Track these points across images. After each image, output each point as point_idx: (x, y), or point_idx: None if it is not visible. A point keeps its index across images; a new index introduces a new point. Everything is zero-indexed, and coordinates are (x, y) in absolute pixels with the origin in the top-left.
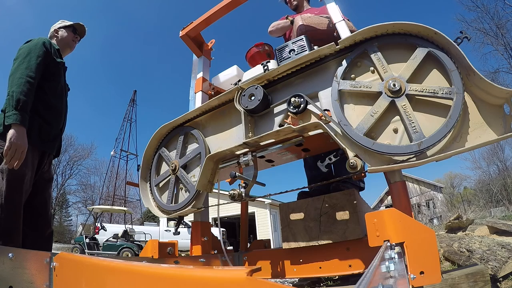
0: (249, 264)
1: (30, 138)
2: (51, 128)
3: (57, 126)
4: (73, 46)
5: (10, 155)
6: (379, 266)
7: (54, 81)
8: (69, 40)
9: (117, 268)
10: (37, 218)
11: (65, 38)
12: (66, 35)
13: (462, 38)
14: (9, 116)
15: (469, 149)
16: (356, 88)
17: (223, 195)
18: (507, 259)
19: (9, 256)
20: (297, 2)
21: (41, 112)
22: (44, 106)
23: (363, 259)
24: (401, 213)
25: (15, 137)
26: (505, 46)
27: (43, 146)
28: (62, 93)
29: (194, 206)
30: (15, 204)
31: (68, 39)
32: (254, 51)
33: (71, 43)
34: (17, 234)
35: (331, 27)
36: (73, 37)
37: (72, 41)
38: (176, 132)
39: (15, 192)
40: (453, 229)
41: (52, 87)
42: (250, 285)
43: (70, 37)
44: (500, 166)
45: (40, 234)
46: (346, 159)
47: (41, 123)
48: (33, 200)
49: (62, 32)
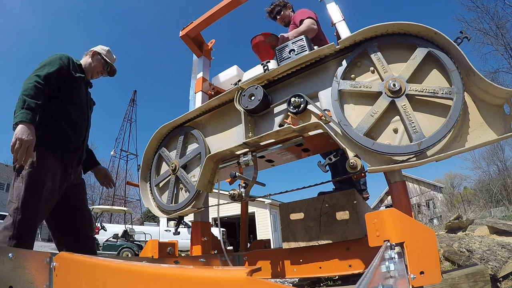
0: (249, 264)
1: (49, 148)
2: (71, 139)
3: (77, 138)
4: (95, 76)
5: (16, 150)
6: (379, 266)
7: (72, 94)
8: (95, 70)
9: (117, 268)
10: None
11: (94, 66)
12: (97, 64)
13: (462, 38)
14: (16, 116)
15: (469, 149)
16: (356, 88)
17: (223, 195)
18: (507, 259)
19: (9, 256)
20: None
21: (61, 124)
22: (64, 118)
23: (363, 259)
24: (401, 213)
25: (20, 133)
26: (505, 46)
27: (63, 156)
28: (82, 106)
29: (194, 206)
30: (30, 209)
31: (95, 69)
32: (260, 39)
33: (94, 73)
34: (28, 238)
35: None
36: (101, 70)
37: (97, 73)
38: (176, 132)
39: (32, 198)
40: (453, 229)
41: (71, 100)
42: (250, 285)
43: (98, 68)
44: (500, 166)
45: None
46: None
47: (61, 134)
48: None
49: (96, 58)
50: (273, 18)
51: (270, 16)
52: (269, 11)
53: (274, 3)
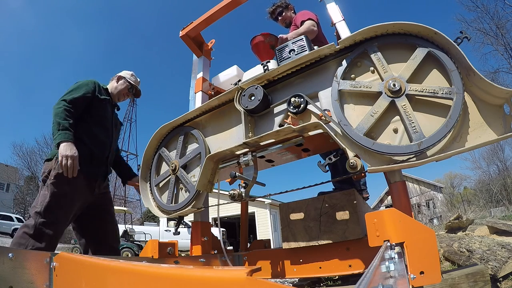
0: (249, 264)
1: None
2: (94, 155)
3: (101, 154)
4: (121, 99)
5: (64, 166)
6: (379, 266)
7: (97, 115)
8: (121, 93)
9: (117, 268)
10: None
11: (119, 89)
12: (122, 87)
13: (462, 38)
14: (55, 138)
15: (469, 149)
16: (356, 88)
17: (223, 195)
18: (507, 259)
19: (9, 256)
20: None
21: (85, 142)
22: (88, 136)
23: (363, 259)
24: (401, 213)
25: (64, 150)
26: (505, 46)
27: (88, 171)
28: (106, 125)
29: (194, 206)
30: (51, 215)
31: (121, 91)
32: (259, 39)
33: (121, 96)
34: (46, 240)
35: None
36: (126, 92)
37: (123, 95)
38: (176, 132)
39: (54, 205)
40: (453, 229)
41: (96, 120)
42: (250, 285)
43: (124, 91)
44: (500, 166)
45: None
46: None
47: (85, 151)
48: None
49: (121, 81)
50: (274, 19)
51: (272, 17)
52: (271, 12)
53: (276, 4)
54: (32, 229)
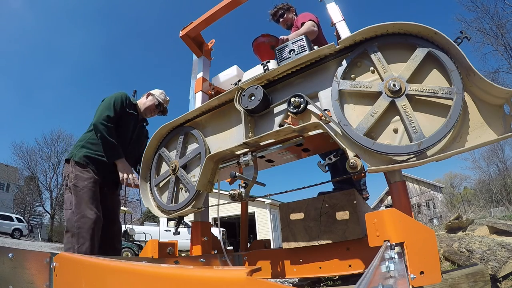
0: (249, 264)
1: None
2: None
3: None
4: (149, 115)
5: (125, 180)
6: (379, 266)
7: (121, 126)
8: (148, 109)
9: (117, 268)
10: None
11: (147, 106)
12: (150, 104)
13: (462, 38)
14: (109, 156)
15: (469, 149)
16: (356, 88)
17: (223, 195)
18: (507, 259)
19: (9, 256)
20: (289, 22)
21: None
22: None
23: (363, 259)
24: (401, 213)
25: (122, 169)
26: (505, 46)
27: (103, 177)
28: (127, 137)
29: (194, 206)
30: (81, 211)
31: (149, 107)
32: (260, 40)
33: (148, 111)
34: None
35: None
36: (153, 109)
37: (150, 111)
38: (176, 132)
39: (81, 202)
40: (453, 229)
41: (118, 131)
42: (250, 285)
43: (151, 107)
44: (500, 166)
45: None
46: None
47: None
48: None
49: (150, 98)
50: (276, 20)
51: (274, 19)
52: (273, 13)
53: (278, 6)
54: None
